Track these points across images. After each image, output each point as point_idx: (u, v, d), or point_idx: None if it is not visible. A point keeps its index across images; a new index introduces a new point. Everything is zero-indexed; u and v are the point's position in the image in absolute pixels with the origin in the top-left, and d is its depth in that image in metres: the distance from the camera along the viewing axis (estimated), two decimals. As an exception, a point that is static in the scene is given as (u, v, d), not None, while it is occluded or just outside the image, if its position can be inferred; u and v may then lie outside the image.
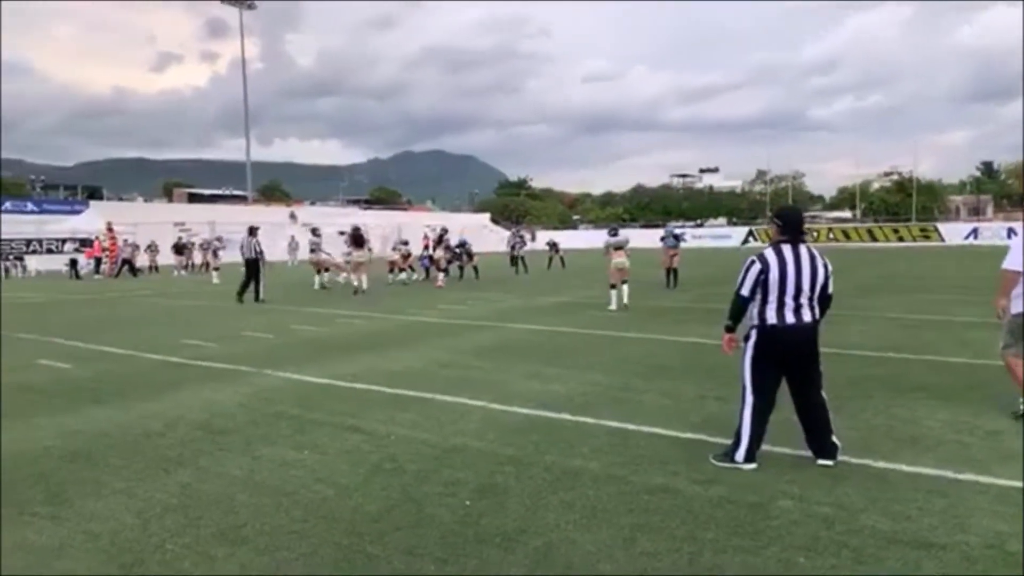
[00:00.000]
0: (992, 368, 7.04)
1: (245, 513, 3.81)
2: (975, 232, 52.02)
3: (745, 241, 59.40)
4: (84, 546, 3.46)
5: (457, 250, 22.55)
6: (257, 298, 16.10)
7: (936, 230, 54.86)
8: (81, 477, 4.44)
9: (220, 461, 4.71)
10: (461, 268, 22.78)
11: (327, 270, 20.40)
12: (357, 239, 18.56)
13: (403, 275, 21.46)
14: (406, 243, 22.77)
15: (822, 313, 4.50)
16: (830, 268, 4.47)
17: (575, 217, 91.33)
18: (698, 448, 4.77)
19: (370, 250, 18.87)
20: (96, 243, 33.07)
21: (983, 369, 7.21)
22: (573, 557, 3.25)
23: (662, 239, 18.45)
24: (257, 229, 17.08)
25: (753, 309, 4.46)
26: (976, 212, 74.44)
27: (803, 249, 4.41)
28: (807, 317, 4.39)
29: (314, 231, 24.12)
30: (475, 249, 24.27)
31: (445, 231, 22.64)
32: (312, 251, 20.96)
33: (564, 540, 3.42)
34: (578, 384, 6.86)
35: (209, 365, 8.26)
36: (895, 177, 75.94)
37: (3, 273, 32.38)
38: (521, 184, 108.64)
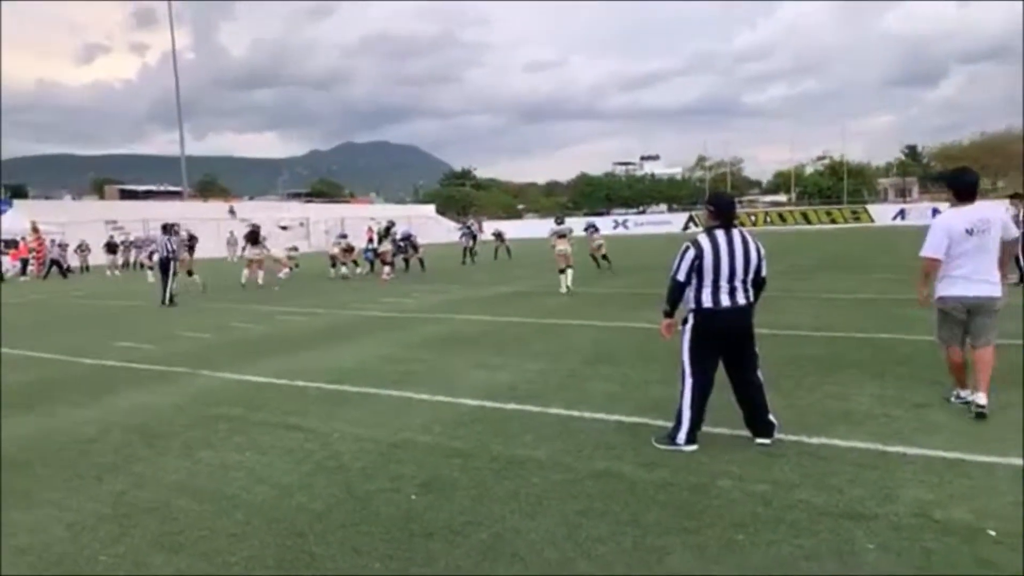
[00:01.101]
0: (918, 343, 7.37)
1: (183, 519, 3.71)
2: (902, 213, 54.13)
3: (686, 227, 60.46)
4: (11, 561, 3.31)
5: (402, 243, 22.38)
6: (163, 301, 15.02)
7: (867, 212, 56.85)
8: (9, 488, 4.25)
9: (157, 466, 4.57)
10: (407, 260, 22.60)
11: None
12: (253, 237, 19.27)
13: (344, 269, 21.20)
14: (345, 236, 22.55)
15: (756, 296, 4.60)
16: (763, 251, 4.57)
17: (520, 207, 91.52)
18: (642, 432, 4.85)
19: (266, 248, 19.62)
20: (22, 244, 31.63)
21: (910, 344, 7.53)
22: (519, 546, 3.27)
23: (585, 229, 20.12)
24: (171, 227, 16.46)
25: (689, 293, 4.55)
26: (903, 194, 77.45)
27: (736, 233, 4.52)
28: (742, 300, 4.49)
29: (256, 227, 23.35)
30: (421, 241, 24.16)
31: (392, 224, 22.43)
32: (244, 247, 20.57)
33: (510, 530, 3.44)
34: (524, 373, 6.89)
35: (145, 367, 8.00)
36: (827, 161, 78.34)
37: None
38: (465, 174, 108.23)
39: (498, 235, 30.15)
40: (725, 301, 4.46)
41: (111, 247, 32.36)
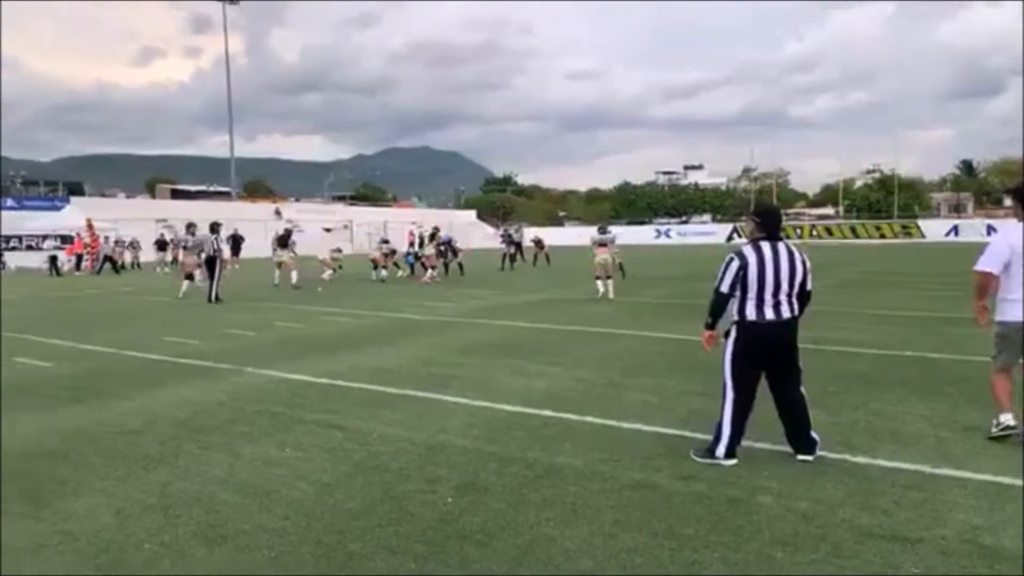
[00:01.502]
0: (970, 364, 7.14)
1: (225, 512, 3.78)
2: (955, 229, 52.59)
3: (730, 238, 59.71)
4: (61, 546, 3.42)
5: (442, 247, 22.60)
6: (210, 298, 15.31)
7: (917, 227, 55.41)
8: (59, 476, 4.40)
9: (200, 460, 4.68)
10: (446, 265, 22.78)
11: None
12: (282, 240, 20.12)
13: (384, 272, 21.48)
14: (387, 242, 23.01)
15: (801, 309, 4.53)
16: (809, 265, 4.51)
17: (561, 214, 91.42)
18: (680, 444, 4.79)
19: (294, 251, 20.20)
20: (77, 240, 32.70)
21: (962, 365, 7.30)
22: (553, 554, 3.26)
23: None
24: (219, 226, 16.73)
25: (733, 306, 4.48)
26: (956, 209, 75.27)
27: (781, 246, 4.45)
28: (786, 313, 4.42)
29: (288, 231, 23.50)
30: (462, 246, 24.39)
31: (437, 230, 22.72)
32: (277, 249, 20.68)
33: (544, 537, 3.43)
34: (562, 381, 6.88)
35: (191, 363, 8.20)
36: (877, 175, 76.53)
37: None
38: (507, 181, 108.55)
39: (537, 242, 30.15)
40: (769, 314, 4.39)
41: (161, 244, 33.26)
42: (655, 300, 14.76)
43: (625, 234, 19.23)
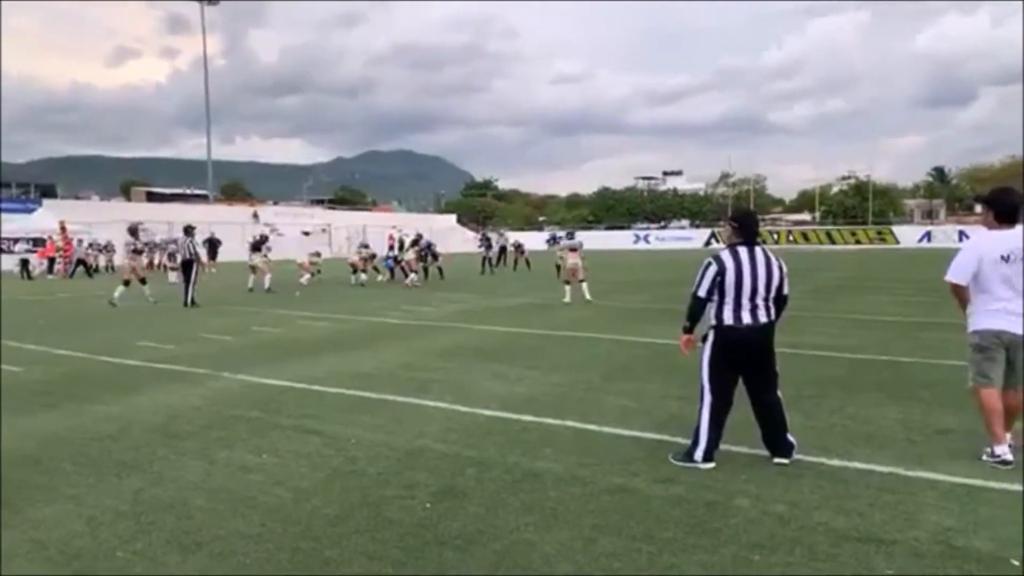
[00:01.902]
0: (943, 367, 7.27)
1: (200, 518, 3.73)
2: (928, 235, 53.48)
3: (708, 243, 60.20)
4: (31, 554, 3.35)
5: (422, 252, 22.61)
6: (186, 303, 15.21)
7: (892, 233, 56.26)
8: (30, 482, 4.31)
9: (175, 465, 4.61)
10: (426, 269, 22.75)
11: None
12: (255, 245, 20.52)
13: (363, 276, 21.40)
14: (367, 246, 23.02)
15: (778, 314, 4.56)
16: (785, 270, 4.54)
17: (541, 219, 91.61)
18: (659, 448, 4.81)
19: (266, 255, 20.33)
20: (50, 243, 32.16)
21: (934, 368, 7.42)
22: (532, 559, 3.25)
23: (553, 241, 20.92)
24: (193, 229, 16.67)
25: (711, 310, 4.52)
26: (929, 215, 76.53)
27: (759, 251, 4.48)
28: (763, 318, 4.45)
29: (263, 236, 23.32)
30: (441, 250, 24.43)
31: (420, 236, 22.86)
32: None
33: (523, 542, 3.42)
34: (541, 385, 6.88)
35: (165, 367, 8.09)
36: (852, 181, 77.60)
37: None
38: (487, 185, 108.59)
39: (517, 246, 30.25)
40: (746, 318, 4.43)
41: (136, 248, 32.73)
42: (634, 305, 14.83)
43: (605, 240, 19.60)
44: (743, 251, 4.47)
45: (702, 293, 4.48)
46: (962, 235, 49.35)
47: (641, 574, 3.12)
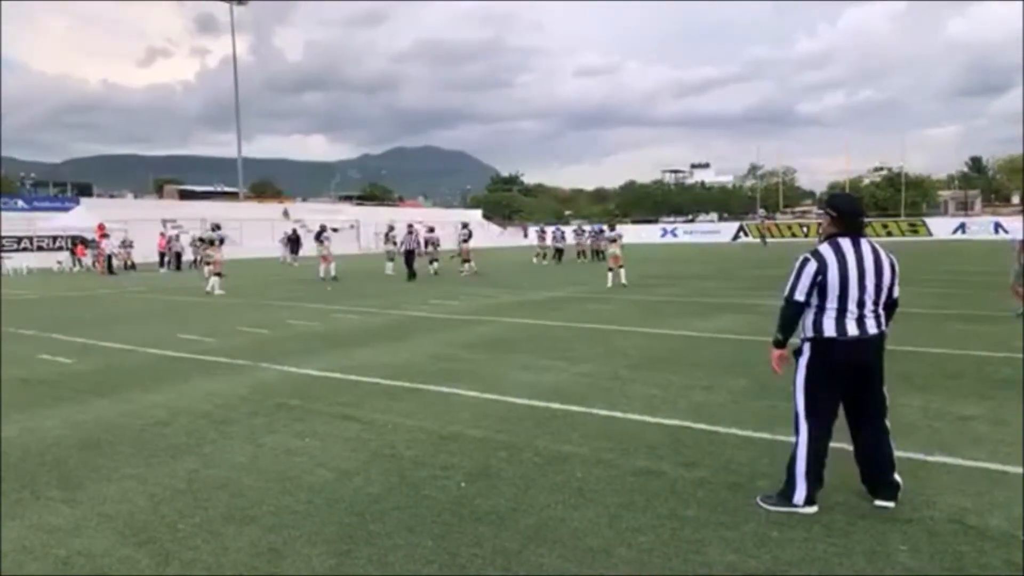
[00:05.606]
0: (968, 358, 7.32)
1: (251, 496, 4.00)
2: (963, 227, 52.53)
3: (736, 237, 59.78)
4: (99, 526, 3.64)
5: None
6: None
7: (924, 225, 55.33)
8: (93, 464, 4.63)
9: (224, 449, 4.90)
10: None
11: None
12: (316, 235, 22.50)
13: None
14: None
15: (887, 322, 3.80)
16: (897, 267, 3.77)
17: (567, 213, 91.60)
18: (683, 434, 4.99)
19: (325, 244, 21.69)
20: (98, 240, 33.01)
21: (960, 359, 7.48)
22: (562, 533, 3.47)
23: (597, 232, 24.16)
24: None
25: (806, 319, 3.76)
26: (964, 207, 75.06)
27: (865, 244, 3.70)
28: (872, 328, 3.67)
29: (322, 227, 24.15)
30: (474, 244, 25.08)
31: (465, 225, 24.93)
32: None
33: (554, 518, 3.64)
34: (569, 375, 7.08)
35: (208, 359, 8.44)
36: (884, 172, 76.40)
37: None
38: (512, 180, 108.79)
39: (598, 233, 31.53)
40: (852, 329, 3.65)
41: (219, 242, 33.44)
42: (661, 298, 14.93)
43: (630, 234, 20.66)
44: (846, 245, 3.68)
45: (800, 296, 3.69)
46: (998, 227, 48.41)
47: (664, 548, 3.31)
